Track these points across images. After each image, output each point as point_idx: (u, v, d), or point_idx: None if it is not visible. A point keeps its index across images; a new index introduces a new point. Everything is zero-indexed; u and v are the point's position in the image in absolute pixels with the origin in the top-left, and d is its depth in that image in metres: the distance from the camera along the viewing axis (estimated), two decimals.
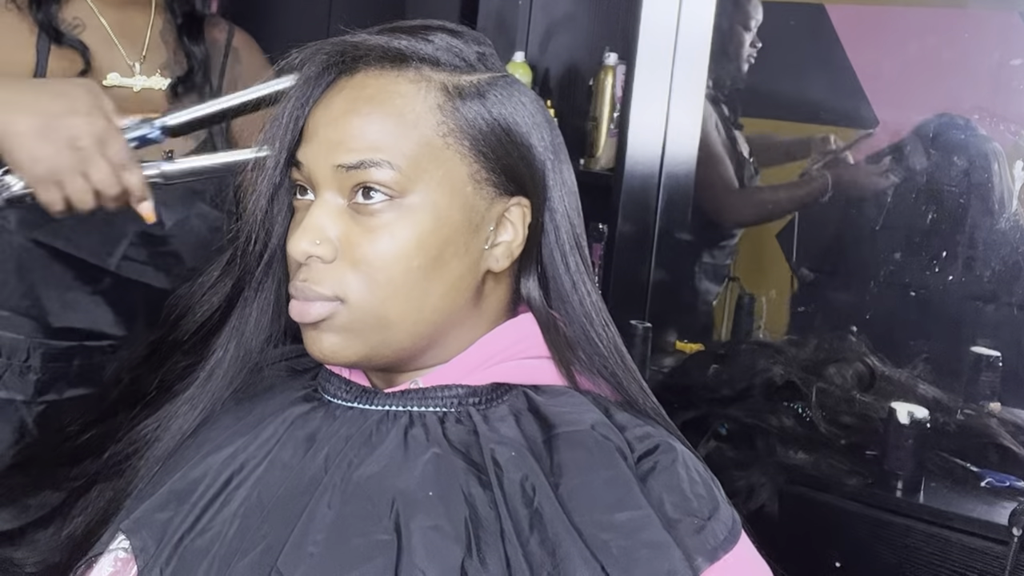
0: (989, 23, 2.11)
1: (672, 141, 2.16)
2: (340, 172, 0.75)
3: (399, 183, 0.75)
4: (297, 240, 0.76)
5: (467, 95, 0.77)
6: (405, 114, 0.75)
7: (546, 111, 0.82)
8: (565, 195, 0.81)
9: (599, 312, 0.82)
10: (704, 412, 1.80)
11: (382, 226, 0.75)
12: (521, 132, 0.78)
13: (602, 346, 0.81)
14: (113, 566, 0.77)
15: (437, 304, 0.77)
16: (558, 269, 0.81)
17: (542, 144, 0.80)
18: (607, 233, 2.08)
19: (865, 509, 1.59)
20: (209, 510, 0.76)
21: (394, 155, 0.74)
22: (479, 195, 0.77)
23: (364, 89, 0.76)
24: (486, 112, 0.77)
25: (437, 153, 0.76)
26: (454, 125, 0.76)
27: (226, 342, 0.83)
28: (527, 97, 0.80)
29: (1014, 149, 2.00)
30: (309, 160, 0.77)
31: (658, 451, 0.77)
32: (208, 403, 0.83)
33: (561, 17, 2.34)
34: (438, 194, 0.76)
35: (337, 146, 0.75)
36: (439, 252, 0.76)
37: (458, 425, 0.78)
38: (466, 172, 0.77)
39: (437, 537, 0.69)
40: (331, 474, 0.74)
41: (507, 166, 0.78)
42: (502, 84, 0.79)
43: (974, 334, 1.98)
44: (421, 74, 0.77)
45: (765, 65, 2.33)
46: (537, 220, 0.80)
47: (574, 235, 0.82)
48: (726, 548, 0.73)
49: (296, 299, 0.77)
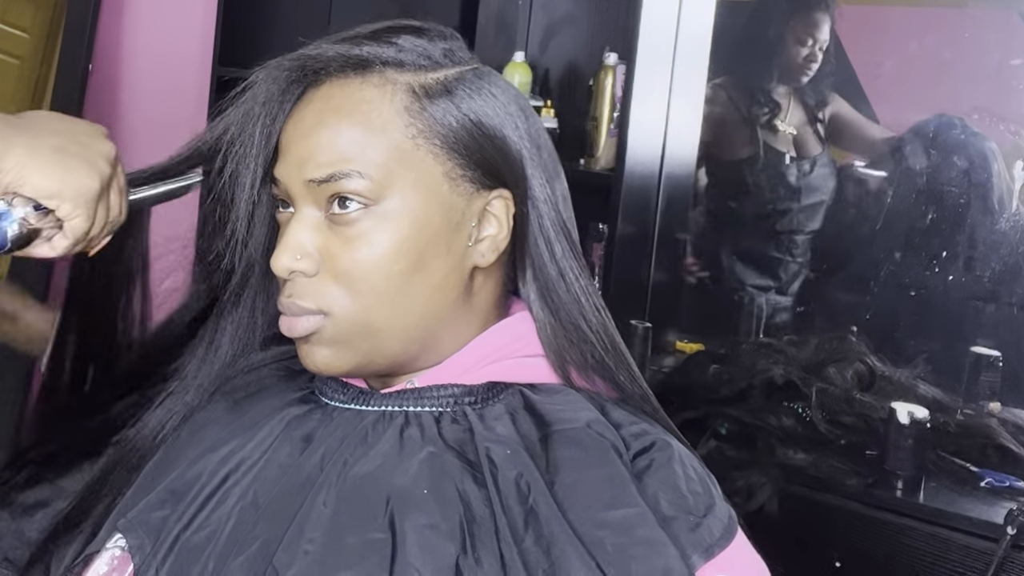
0: (989, 23, 2.11)
1: (672, 141, 2.16)
2: (312, 186, 0.75)
3: (372, 191, 0.74)
4: (278, 257, 0.76)
5: (434, 94, 0.76)
6: (372, 120, 0.75)
7: (522, 99, 0.82)
8: (547, 182, 0.80)
9: (589, 297, 0.81)
10: (704, 412, 1.80)
11: (360, 235, 0.75)
12: (493, 124, 0.78)
13: (590, 332, 0.80)
14: (109, 564, 0.77)
15: (424, 306, 0.77)
16: (543, 257, 0.80)
17: (516, 133, 0.79)
18: (607, 233, 2.08)
19: (865, 509, 1.59)
20: (205, 508, 0.76)
21: (364, 164, 0.74)
22: (456, 193, 0.77)
23: (330, 100, 0.76)
24: (455, 108, 0.76)
25: (408, 156, 0.75)
26: (423, 126, 0.76)
27: (202, 353, 0.84)
28: (498, 88, 0.79)
29: (1014, 149, 2.00)
30: (284, 177, 0.77)
31: (654, 448, 0.76)
32: (182, 412, 0.84)
33: (561, 17, 2.35)
34: (413, 197, 0.75)
35: (307, 161, 0.75)
36: (420, 255, 0.76)
37: (454, 424, 0.77)
38: (440, 171, 0.76)
39: (431, 535, 0.69)
40: (327, 473, 0.74)
41: (482, 160, 0.77)
42: (470, 78, 0.78)
43: (974, 334, 1.97)
44: (386, 78, 0.76)
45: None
46: (521, 210, 0.80)
47: (559, 222, 0.81)
48: (722, 545, 0.73)
49: (284, 315, 0.78)
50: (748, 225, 2.33)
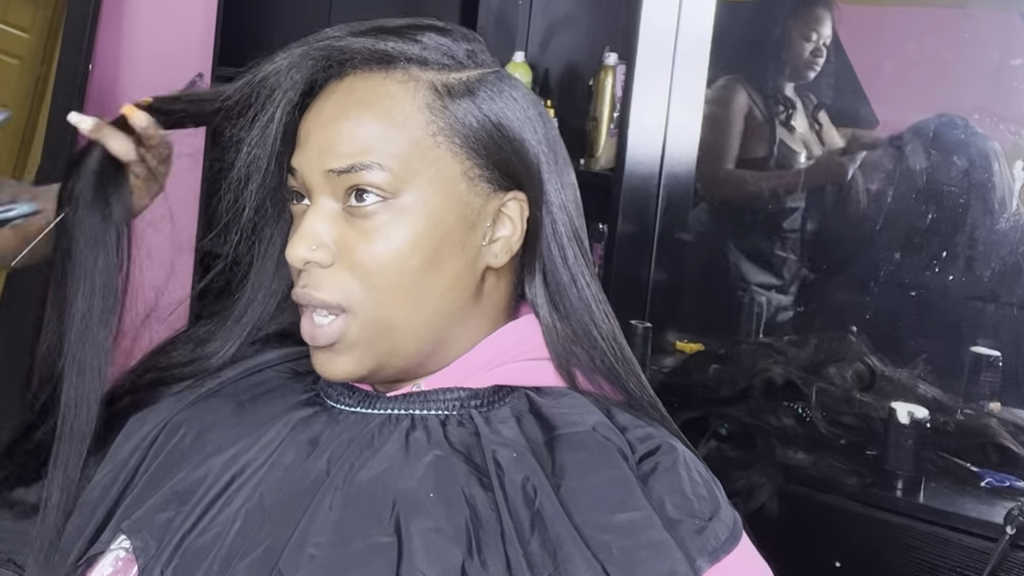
0: (989, 23, 2.11)
1: (672, 141, 2.16)
2: (332, 177, 0.75)
3: (391, 184, 0.75)
4: (294, 247, 0.76)
5: (456, 93, 0.77)
6: (394, 115, 0.75)
7: (539, 104, 0.82)
8: (562, 188, 0.81)
9: (599, 303, 0.82)
10: (704, 412, 1.80)
11: (377, 228, 0.75)
12: (513, 127, 0.78)
13: (601, 339, 0.81)
14: (114, 566, 0.77)
15: (437, 303, 0.77)
16: (555, 262, 0.81)
17: (535, 138, 0.79)
18: (607, 233, 2.08)
19: (865, 509, 1.59)
20: (211, 511, 0.76)
21: (384, 157, 0.75)
22: (473, 192, 0.77)
23: (352, 93, 0.77)
24: (476, 109, 0.77)
25: (428, 152, 0.76)
26: (444, 124, 0.76)
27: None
28: (518, 92, 0.80)
29: (1014, 149, 2.00)
30: (302, 166, 0.77)
31: (659, 452, 0.77)
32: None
33: (561, 17, 2.35)
34: (431, 193, 0.76)
35: (327, 151, 0.76)
36: (435, 251, 0.76)
37: (460, 427, 0.77)
38: (459, 170, 0.77)
39: (438, 539, 0.69)
40: (333, 476, 0.74)
41: (500, 161, 0.78)
42: (492, 80, 0.79)
43: (974, 334, 1.98)
44: (409, 74, 0.77)
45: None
46: (535, 214, 0.80)
47: (572, 227, 0.81)
48: (727, 549, 0.73)
49: (302, 310, 0.78)
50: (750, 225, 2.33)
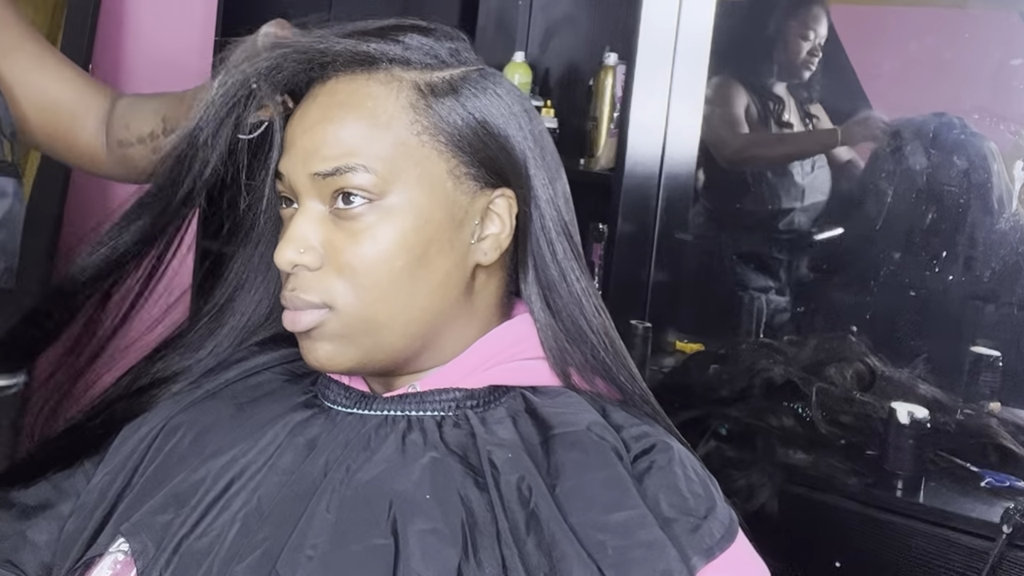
0: (989, 23, 2.11)
1: (672, 141, 2.16)
2: (317, 180, 0.76)
3: (376, 186, 0.75)
4: (282, 251, 0.76)
5: (440, 92, 0.77)
6: (378, 116, 0.76)
7: (525, 101, 0.82)
8: (550, 183, 0.81)
9: (589, 298, 0.82)
10: (704, 412, 1.80)
11: (364, 229, 0.75)
12: (498, 124, 0.78)
13: (591, 333, 0.81)
14: (112, 568, 0.77)
15: (426, 303, 0.77)
16: (544, 257, 0.81)
17: (520, 134, 0.80)
18: (607, 233, 2.07)
19: (865, 509, 1.59)
20: (209, 513, 0.76)
21: (369, 158, 0.75)
22: (460, 190, 0.77)
23: (335, 95, 0.77)
24: (460, 107, 0.77)
25: (413, 152, 0.76)
26: (428, 123, 0.76)
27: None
28: (503, 88, 0.80)
29: (1014, 149, 2.00)
30: (288, 171, 0.77)
31: (655, 450, 0.77)
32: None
33: (561, 17, 2.35)
34: (417, 193, 0.76)
35: (312, 155, 0.76)
36: (423, 251, 0.76)
37: (455, 428, 0.78)
38: (444, 168, 0.77)
39: (434, 540, 0.69)
40: (330, 479, 0.74)
41: (486, 159, 0.78)
42: (475, 77, 0.79)
43: (974, 334, 1.98)
44: (392, 75, 0.77)
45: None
46: (524, 210, 0.80)
47: (561, 222, 0.82)
48: (722, 547, 0.73)
49: (287, 309, 0.78)
50: (749, 225, 2.33)
